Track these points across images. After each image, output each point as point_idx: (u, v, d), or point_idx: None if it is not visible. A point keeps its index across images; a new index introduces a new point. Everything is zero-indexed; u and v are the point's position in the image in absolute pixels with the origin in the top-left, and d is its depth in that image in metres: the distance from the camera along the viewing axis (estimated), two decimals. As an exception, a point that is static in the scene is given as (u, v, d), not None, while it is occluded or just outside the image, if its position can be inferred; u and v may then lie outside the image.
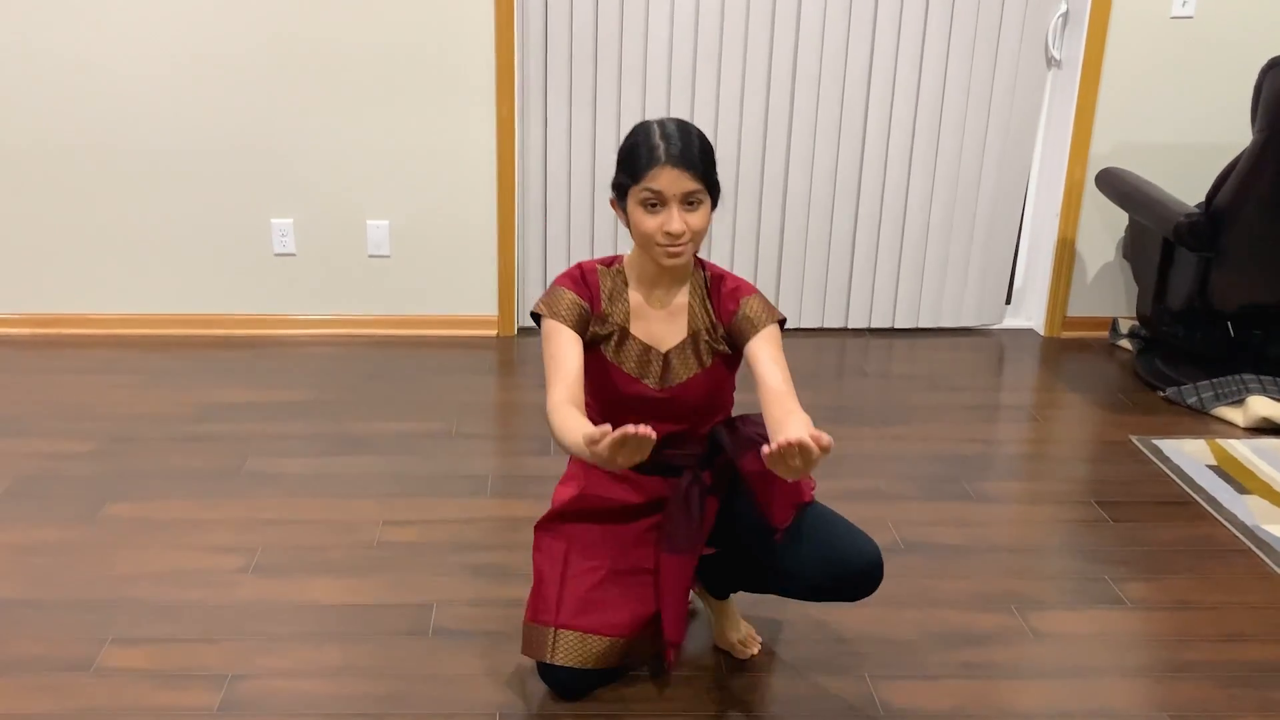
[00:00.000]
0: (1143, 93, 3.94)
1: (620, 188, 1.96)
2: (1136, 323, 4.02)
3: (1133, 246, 3.95)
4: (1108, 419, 3.49)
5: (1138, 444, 3.30)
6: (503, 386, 3.74)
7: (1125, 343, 4.09)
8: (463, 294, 4.06)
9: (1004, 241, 4.19)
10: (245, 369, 3.74)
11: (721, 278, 2.05)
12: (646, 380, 2.04)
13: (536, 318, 2.01)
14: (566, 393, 1.89)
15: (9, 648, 2.24)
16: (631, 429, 1.60)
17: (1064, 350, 4.11)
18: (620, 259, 2.07)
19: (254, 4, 3.69)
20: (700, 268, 2.07)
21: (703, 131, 1.97)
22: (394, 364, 3.82)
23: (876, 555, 1.95)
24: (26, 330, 4.01)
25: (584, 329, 2.00)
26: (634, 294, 2.04)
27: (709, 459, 2.11)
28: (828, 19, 3.83)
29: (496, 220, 3.96)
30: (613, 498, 2.11)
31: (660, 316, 2.04)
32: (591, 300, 2.01)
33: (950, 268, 4.17)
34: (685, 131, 1.92)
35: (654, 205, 1.90)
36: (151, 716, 2.05)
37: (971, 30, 3.87)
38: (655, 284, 2.03)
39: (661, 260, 1.94)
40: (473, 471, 3.04)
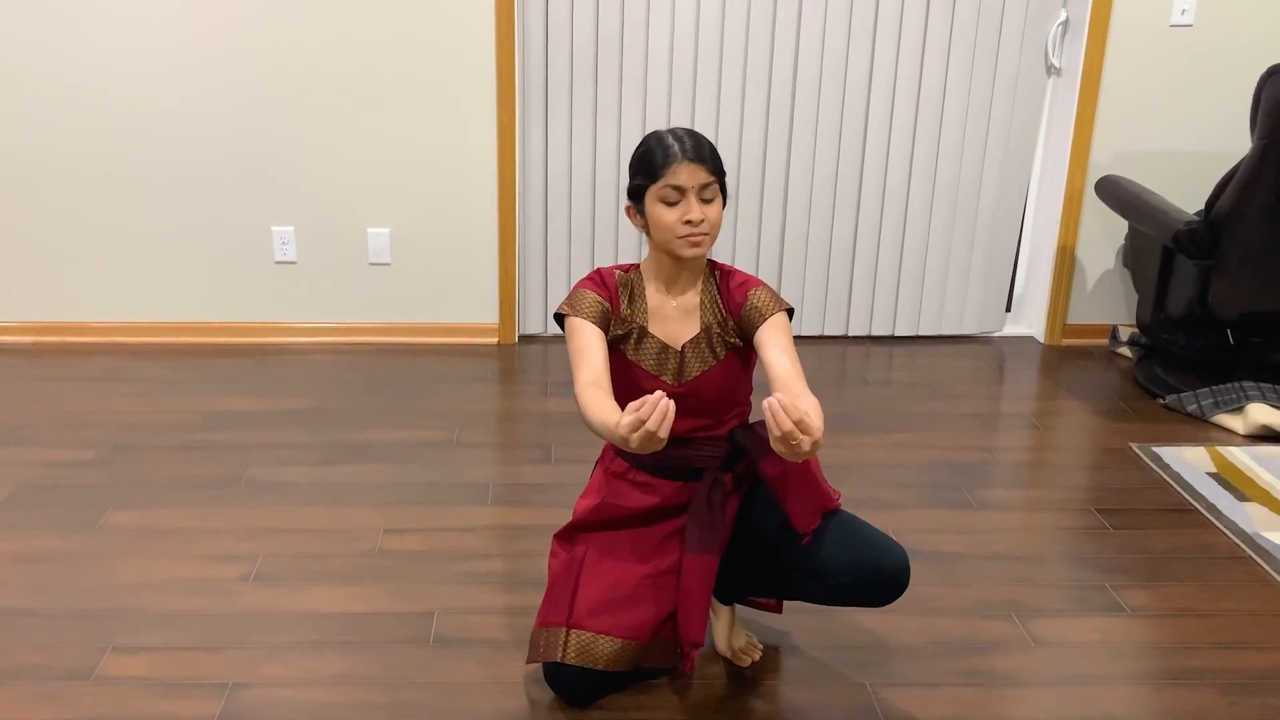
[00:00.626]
0: (1142, 101, 3.95)
1: (637, 191, 2.05)
2: (1136, 330, 4.02)
3: (1133, 254, 3.95)
4: (1108, 426, 3.50)
5: (1138, 451, 3.30)
6: (504, 395, 3.74)
7: (1125, 350, 4.09)
8: (463, 302, 4.07)
9: (1004, 249, 4.19)
10: (246, 377, 3.75)
11: (730, 273, 2.14)
12: (664, 376, 2.11)
13: (560, 320, 2.08)
14: (593, 375, 1.96)
15: (10, 656, 2.24)
16: (647, 404, 1.64)
17: (1064, 358, 4.11)
18: (636, 266, 2.16)
19: (255, 12, 3.70)
20: (711, 268, 2.15)
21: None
22: (395, 372, 3.82)
23: (906, 561, 2.02)
24: (28, 338, 4.01)
25: (606, 327, 2.07)
26: (651, 296, 2.12)
27: (729, 462, 2.14)
28: (828, 28, 3.84)
29: (497, 228, 3.97)
30: (633, 505, 2.15)
31: (676, 315, 2.11)
32: (611, 301, 2.10)
33: (950, 275, 4.18)
34: (695, 134, 2.04)
35: (673, 201, 2.00)
36: (152, 725, 2.06)
37: (971, 39, 3.88)
38: (671, 284, 2.11)
39: (683, 251, 2.02)
40: (474, 480, 3.05)
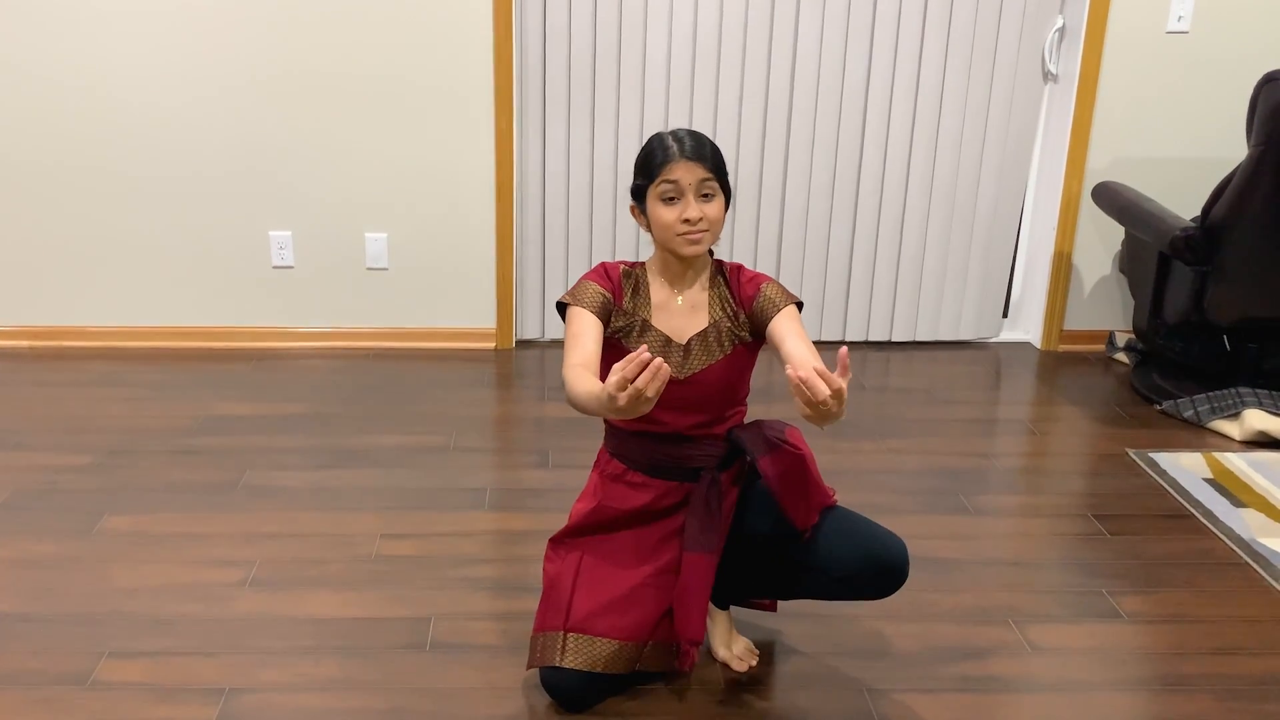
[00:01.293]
0: (1139, 107, 3.96)
1: (639, 190, 2.07)
2: (1133, 336, 4.03)
3: (1129, 260, 3.96)
4: (1104, 432, 3.50)
5: (1134, 457, 3.30)
6: (501, 399, 3.74)
7: (1122, 356, 4.10)
8: (461, 307, 4.07)
9: (1001, 255, 4.20)
10: (243, 382, 3.75)
11: (739, 269, 2.16)
12: None
13: (561, 309, 2.10)
14: (582, 358, 1.98)
15: (5, 661, 2.24)
16: (635, 362, 1.63)
17: (1061, 363, 4.12)
18: (642, 263, 2.17)
19: (254, 17, 3.71)
20: (718, 267, 2.17)
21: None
22: (392, 377, 3.82)
23: (905, 550, 2.06)
24: (24, 343, 4.01)
25: (606, 318, 2.09)
26: (656, 291, 2.14)
27: (726, 461, 2.15)
28: (825, 34, 3.84)
29: (495, 233, 3.97)
30: (630, 506, 2.15)
31: (681, 311, 2.12)
32: (614, 293, 2.11)
33: (947, 281, 4.18)
34: (696, 134, 2.06)
35: (671, 199, 2.02)
36: (149, 730, 2.05)
37: (968, 45, 3.89)
38: (676, 281, 2.12)
39: (682, 249, 2.04)
40: (471, 485, 3.05)
